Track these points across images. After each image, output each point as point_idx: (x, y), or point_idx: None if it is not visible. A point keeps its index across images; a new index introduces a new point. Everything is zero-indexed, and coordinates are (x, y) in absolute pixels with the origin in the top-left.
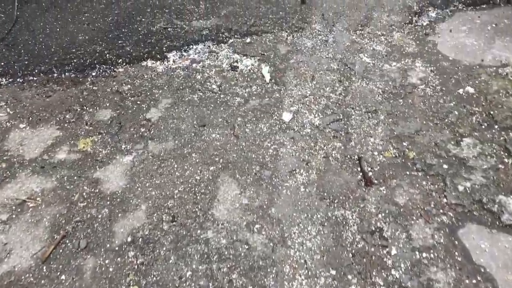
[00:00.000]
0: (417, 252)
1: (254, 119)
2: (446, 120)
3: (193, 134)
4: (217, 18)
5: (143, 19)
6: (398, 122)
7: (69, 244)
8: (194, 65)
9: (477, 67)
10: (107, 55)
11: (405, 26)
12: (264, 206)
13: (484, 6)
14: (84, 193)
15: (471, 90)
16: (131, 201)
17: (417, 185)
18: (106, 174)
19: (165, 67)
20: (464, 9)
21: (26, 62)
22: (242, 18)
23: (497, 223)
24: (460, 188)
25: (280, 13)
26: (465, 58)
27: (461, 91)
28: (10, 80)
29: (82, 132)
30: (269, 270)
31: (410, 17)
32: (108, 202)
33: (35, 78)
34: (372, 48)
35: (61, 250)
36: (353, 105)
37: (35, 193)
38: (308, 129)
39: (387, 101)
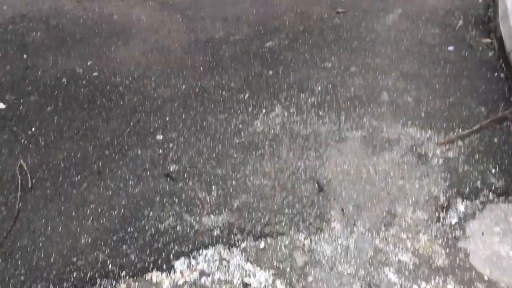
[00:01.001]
0: None
1: None
2: None
3: None
4: (229, 213)
5: (151, 213)
6: None
7: None
8: (202, 279)
9: None
10: (110, 265)
11: (432, 226)
12: None
13: None
14: None
15: None
16: None
17: None
18: None
19: (170, 281)
20: (496, 200)
21: (22, 278)
22: (256, 213)
23: None
24: None
25: (297, 205)
26: (502, 277)
27: None
28: None
29: None
30: None
31: (437, 213)
32: None
33: None
34: (397, 259)
35: None
36: None
37: None
38: None
39: None
